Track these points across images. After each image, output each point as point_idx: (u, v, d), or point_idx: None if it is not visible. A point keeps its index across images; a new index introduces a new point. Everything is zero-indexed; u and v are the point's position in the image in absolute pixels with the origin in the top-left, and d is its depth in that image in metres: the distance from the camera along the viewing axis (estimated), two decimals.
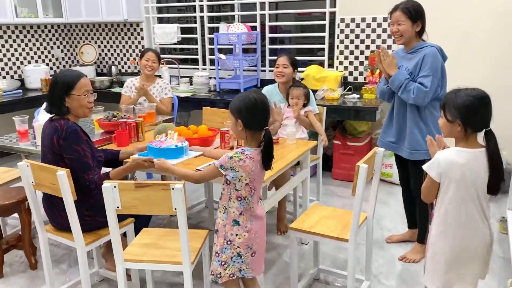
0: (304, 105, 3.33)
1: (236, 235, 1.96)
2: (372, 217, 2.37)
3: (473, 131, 1.78)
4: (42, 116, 2.73)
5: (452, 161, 1.77)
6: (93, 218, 2.28)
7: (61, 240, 2.33)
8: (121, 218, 2.23)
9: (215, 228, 2.04)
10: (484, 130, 1.77)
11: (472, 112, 1.74)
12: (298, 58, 4.82)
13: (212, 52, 4.98)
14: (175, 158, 2.34)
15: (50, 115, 2.38)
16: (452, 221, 1.82)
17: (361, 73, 4.38)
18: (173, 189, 1.83)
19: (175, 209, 1.86)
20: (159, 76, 4.74)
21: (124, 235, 2.40)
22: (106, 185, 1.86)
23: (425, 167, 1.83)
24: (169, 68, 5.13)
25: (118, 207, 1.91)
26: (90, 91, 2.36)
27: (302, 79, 4.17)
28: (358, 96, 4.12)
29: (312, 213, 2.46)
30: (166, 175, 3.04)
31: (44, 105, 2.79)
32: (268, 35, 4.78)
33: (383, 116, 4.25)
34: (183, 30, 5.30)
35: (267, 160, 1.96)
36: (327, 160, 4.55)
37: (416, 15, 2.58)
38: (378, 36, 4.21)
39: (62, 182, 2.04)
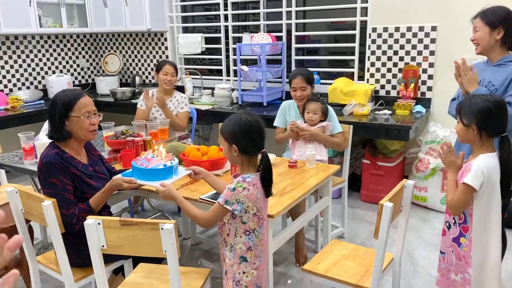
0: (320, 122, 3.06)
1: (244, 273, 1.74)
2: (399, 260, 2.06)
3: (488, 136, 1.81)
4: (43, 134, 2.57)
5: (492, 166, 1.80)
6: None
7: (51, 273, 2.14)
8: None
9: (224, 270, 1.81)
10: (500, 135, 1.82)
11: (487, 117, 1.78)
12: (328, 70, 4.57)
13: (236, 63, 4.76)
14: (163, 180, 2.05)
15: (50, 140, 2.18)
16: (493, 224, 1.85)
17: (393, 87, 4.03)
18: (162, 229, 1.59)
19: (165, 251, 1.62)
20: (181, 90, 4.56)
21: (121, 269, 2.20)
22: (89, 221, 1.64)
23: (468, 180, 1.77)
24: (193, 78, 4.95)
25: (103, 246, 1.69)
26: (92, 112, 2.15)
27: (319, 95, 3.92)
28: (390, 112, 3.77)
29: (330, 252, 2.17)
30: None
31: (46, 124, 2.63)
32: (294, 45, 4.50)
33: (418, 134, 3.89)
34: (208, 40, 5.11)
35: (267, 186, 1.75)
36: (355, 180, 4.23)
37: (494, 20, 2.24)
38: (414, 47, 3.85)
39: (48, 213, 1.85)
